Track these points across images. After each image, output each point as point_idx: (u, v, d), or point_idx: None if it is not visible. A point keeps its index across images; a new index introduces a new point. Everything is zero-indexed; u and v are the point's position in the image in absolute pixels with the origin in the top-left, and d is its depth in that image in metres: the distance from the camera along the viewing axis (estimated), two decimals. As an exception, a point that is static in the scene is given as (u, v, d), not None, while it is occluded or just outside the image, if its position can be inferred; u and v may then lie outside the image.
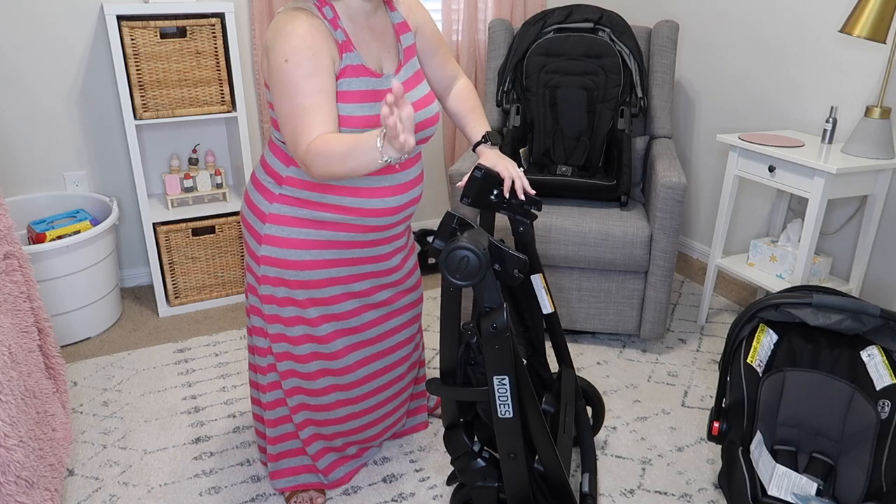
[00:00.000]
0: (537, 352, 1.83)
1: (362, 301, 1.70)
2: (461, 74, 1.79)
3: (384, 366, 1.81)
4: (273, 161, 1.59)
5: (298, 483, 1.80)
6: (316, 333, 1.67)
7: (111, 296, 2.67)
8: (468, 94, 1.77)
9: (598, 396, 1.99)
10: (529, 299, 1.78)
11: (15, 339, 1.62)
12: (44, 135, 2.69)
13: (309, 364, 1.69)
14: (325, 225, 1.57)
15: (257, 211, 1.60)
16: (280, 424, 1.76)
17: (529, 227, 1.71)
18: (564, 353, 1.87)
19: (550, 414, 1.74)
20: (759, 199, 2.82)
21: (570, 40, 2.63)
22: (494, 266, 1.35)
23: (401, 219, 1.65)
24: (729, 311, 2.83)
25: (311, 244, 1.57)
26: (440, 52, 1.71)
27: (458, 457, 1.49)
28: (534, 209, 1.69)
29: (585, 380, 1.99)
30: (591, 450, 1.88)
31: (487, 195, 1.65)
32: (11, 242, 1.70)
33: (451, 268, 1.28)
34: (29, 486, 1.50)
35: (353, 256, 1.63)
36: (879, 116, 2.15)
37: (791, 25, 2.56)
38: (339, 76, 1.43)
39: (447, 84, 1.77)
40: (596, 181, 2.47)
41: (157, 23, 2.43)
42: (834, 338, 1.80)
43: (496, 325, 1.29)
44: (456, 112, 1.78)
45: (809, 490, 1.66)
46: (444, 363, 1.45)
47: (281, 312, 1.63)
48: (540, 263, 1.77)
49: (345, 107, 1.43)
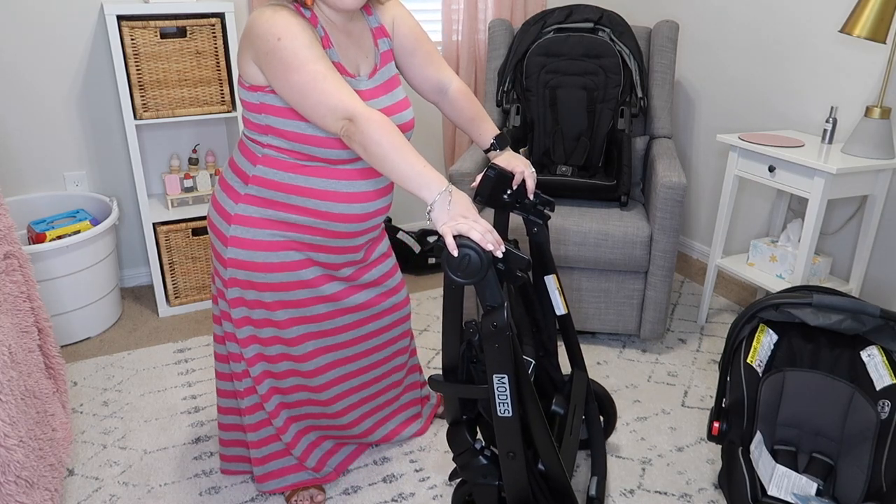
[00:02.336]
0: (549, 353, 1.82)
1: (333, 305, 1.67)
2: (453, 78, 1.72)
3: (355, 369, 1.78)
4: (241, 160, 1.55)
5: (289, 483, 1.79)
6: (284, 336, 1.64)
7: (111, 296, 2.67)
8: (467, 102, 1.71)
9: (611, 400, 1.97)
10: (543, 300, 1.78)
11: (15, 339, 1.62)
12: (44, 135, 2.69)
13: (279, 364, 1.68)
14: (290, 227, 1.54)
15: (223, 212, 1.56)
16: (261, 428, 1.73)
17: (543, 227, 1.71)
18: (577, 355, 1.86)
19: (560, 416, 1.73)
20: (759, 199, 2.82)
21: (570, 40, 2.63)
22: (498, 265, 1.36)
23: (367, 227, 1.61)
24: (729, 311, 2.83)
25: (277, 245, 1.54)
26: (420, 53, 1.64)
27: (460, 453, 1.50)
28: (547, 210, 1.68)
29: (598, 384, 1.98)
30: (601, 454, 1.87)
31: (500, 195, 1.64)
32: (11, 242, 1.70)
33: (452, 265, 1.29)
34: (29, 486, 1.50)
35: (321, 261, 1.61)
36: (879, 116, 2.15)
37: (791, 26, 2.56)
38: None
39: (436, 88, 1.71)
40: (596, 181, 2.48)
41: (157, 23, 2.43)
42: (834, 338, 1.80)
43: (496, 324, 1.30)
44: (459, 121, 1.74)
45: (809, 490, 1.66)
46: (446, 360, 1.47)
47: (251, 315, 1.61)
48: (554, 265, 1.76)
49: None
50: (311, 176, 1.49)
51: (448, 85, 1.71)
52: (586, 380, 1.86)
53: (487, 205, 1.64)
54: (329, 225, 1.54)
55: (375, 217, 1.61)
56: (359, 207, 1.55)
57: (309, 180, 1.49)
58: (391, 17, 1.61)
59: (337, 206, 1.52)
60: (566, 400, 1.77)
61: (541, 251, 1.73)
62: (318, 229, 1.55)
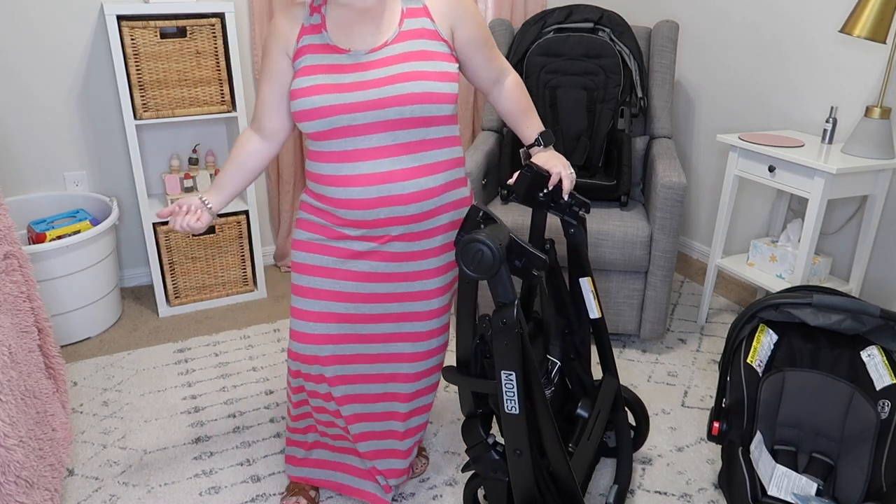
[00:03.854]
0: (581, 356, 1.80)
1: (353, 329, 1.62)
2: (510, 71, 1.69)
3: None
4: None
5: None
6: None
7: (111, 296, 2.67)
8: (520, 94, 1.69)
9: (644, 411, 1.93)
10: (577, 303, 1.77)
11: (15, 339, 1.62)
12: (44, 135, 2.69)
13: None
14: (309, 209, 1.60)
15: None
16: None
17: (580, 228, 1.70)
18: (609, 360, 1.84)
19: (583, 419, 1.73)
20: (759, 199, 2.82)
21: (570, 40, 2.63)
22: (515, 262, 1.37)
23: (383, 217, 1.50)
24: (729, 311, 2.83)
25: (299, 223, 1.62)
26: (485, 50, 1.61)
27: (473, 446, 1.51)
28: (581, 211, 1.67)
29: (632, 392, 1.94)
30: (627, 463, 1.84)
31: (536, 194, 1.64)
32: (11, 242, 1.70)
33: (466, 260, 1.31)
34: (29, 486, 1.50)
35: (336, 246, 1.57)
36: (879, 116, 2.15)
37: (791, 25, 2.56)
38: (294, 57, 1.51)
39: (494, 80, 1.67)
40: (596, 181, 2.48)
41: (157, 23, 2.43)
42: (834, 338, 1.80)
43: (506, 321, 1.30)
44: (508, 112, 1.71)
45: (809, 490, 1.66)
46: (460, 352, 1.48)
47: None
48: (590, 267, 1.75)
49: (299, 80, 1.48)
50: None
51: (505, 77, 1.69)
52: (616, 386, 1.84)
53: (523, 203, 1.64)
54: (336, 211, 1.61)
55: (389, 205, 1.55)
56: (357, 192, 1.52)
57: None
58: (451, 14, 1.53)
59: (335, 190, 1.58)
60: (592, 404, 1.77)
61: (577, 253, 1.72)
62: (328, 213, 1.63)
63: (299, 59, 1.49)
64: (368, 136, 1.45)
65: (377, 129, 1.45)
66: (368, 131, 1.45)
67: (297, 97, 1.46)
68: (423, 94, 1.44)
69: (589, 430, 1.69)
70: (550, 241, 1.72)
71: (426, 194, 1.51)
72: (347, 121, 1.44)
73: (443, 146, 1.53)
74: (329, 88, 1.44)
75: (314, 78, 1.46)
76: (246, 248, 2.83)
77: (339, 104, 1.43)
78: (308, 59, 1.48)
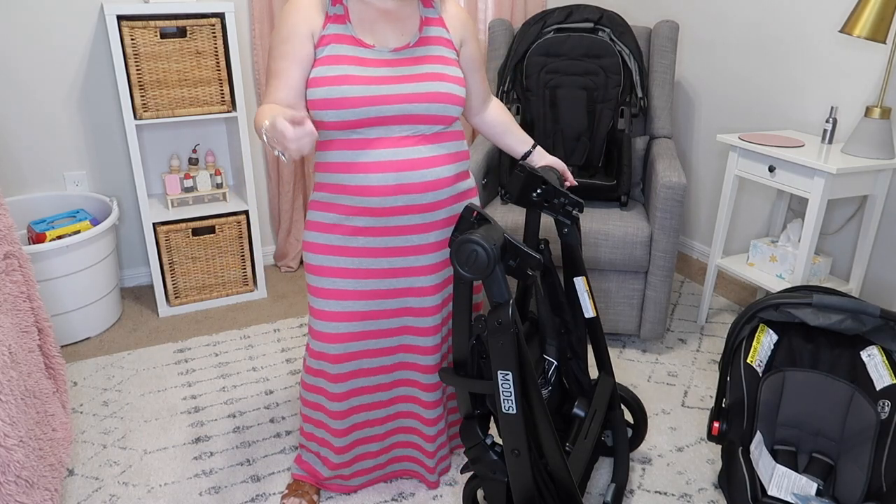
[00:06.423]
0: (577, 355, 1.81)
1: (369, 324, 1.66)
2: (492, 95, 1.82)
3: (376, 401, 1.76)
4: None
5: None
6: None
7: (111, 296, 2.67)
8: (505, 110, 1.82)
9: (642, 410, 1.93)
10: (572, 302, 1.78)
11: (15, 339, 1.62)
12: (44, 135, 2.69)
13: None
14: (320, 206, 1.60)
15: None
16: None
17: (573, 228, 1.71)
18: (605, 359, 1.85)
19: (580, 418, 1.73)
20: (759, 199, 2.82)
21: (570, 40, 2.63)
22: (509, 262, 1.37)
23: (399, 205, 1.54)
24: (729, 311, 2.83)
25: (310, 225, 1.62)
26: (481, 70, 1.73)
27: (472, 447, 1.51)
28: (575, 211, 1.69)
29: (630, 391, 1.94)
30: (624, 462, 1.84)
31: (529, 195, 1.67)
32: (11, 242, 1.70)
33: (460, 260, 1.31)
34: (29, 486, 1.50)
35: (357, 245, 1.59)
36: (879, 116, 2.15)
37: (791, 25, 2.56)
38: (318, 44, 1.50)
39: (483, 99, 1.78)
40: (596, 181, 2.48)
41: (157, 23, 2.43)
42: (834, 338, 1.80)
43: (501, 321, 1.30)
44: (499, 123, 1.80)
45: (809, 490, 1.66)
46: (456, 353, 1.48)
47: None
48: (584, 267, 1.76)
49: (325, 68, 1.48)
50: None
51: (490, 98, 1.81)
52: (612, 385, 1.84)
53: (517, 203, 1.67)
54: (354, 200, 1.61)
55: (410, 193, 1.59)
56: (376, 178, 1.56)
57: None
58: (461, 34, 1.64)
59: (353, 177, 1.58)
60: (589, 403, 1.77)
61: (571, 252, 1.73)
62: (346, 206, 1.63)
63: (323, 46, 1.49)
64: (390, 126, 1.51)
65: (400, 121, 1.50)
66: (391, 122, 1.50)
67: (324, 85, 1.46)
68: (445, 94, 1.54)
69: (586, 429, 1.70)
70: (545, 240, 1.73)
71: (440, 183, 1.57)
72: (375, 112, 1.48)
73: (454, 139, 1.62)
74: (359, 80, 1.47)
75: (343, 68, 1.47)
76: (246, 248, 2.83)
77: (370, 96, 1.46)
78: (333, 49, 1.49)
